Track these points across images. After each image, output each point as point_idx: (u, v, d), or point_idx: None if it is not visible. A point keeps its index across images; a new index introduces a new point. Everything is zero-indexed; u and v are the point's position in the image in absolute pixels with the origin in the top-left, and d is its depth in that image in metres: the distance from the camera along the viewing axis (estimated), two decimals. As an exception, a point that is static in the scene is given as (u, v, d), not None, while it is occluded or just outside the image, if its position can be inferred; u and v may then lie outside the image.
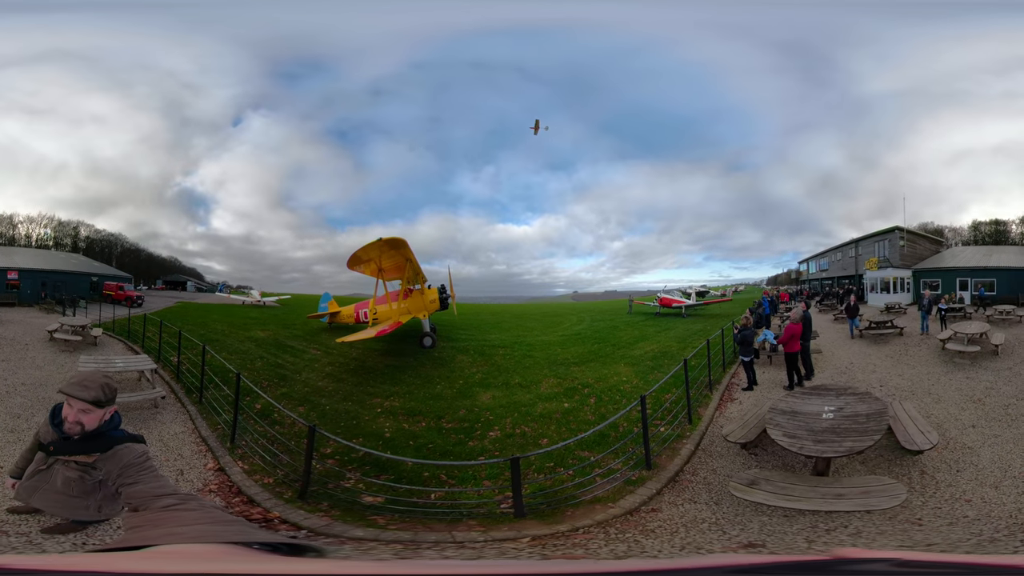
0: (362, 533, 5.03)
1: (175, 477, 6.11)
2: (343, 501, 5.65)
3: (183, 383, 9.91)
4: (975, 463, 6.07)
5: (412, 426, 8.01)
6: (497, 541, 5.00)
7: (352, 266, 14.62)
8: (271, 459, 6.63)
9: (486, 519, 5.38)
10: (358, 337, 13.45)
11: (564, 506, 5.81)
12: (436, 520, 5.20)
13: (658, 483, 6.38)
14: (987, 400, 8.60)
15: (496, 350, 15.64)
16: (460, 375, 11.77)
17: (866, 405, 6.24)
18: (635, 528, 5.44)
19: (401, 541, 4.88)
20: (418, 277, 16.03)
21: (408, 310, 16.15)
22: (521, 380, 11.31)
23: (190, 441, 7.44)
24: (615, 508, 5.79)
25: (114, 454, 2.25)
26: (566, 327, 22.75)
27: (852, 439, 5.52)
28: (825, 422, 5.96)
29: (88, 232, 36.23)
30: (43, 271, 27.39)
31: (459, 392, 10.24)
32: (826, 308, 26.40)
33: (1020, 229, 37.02)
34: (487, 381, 11.25)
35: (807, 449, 5.53)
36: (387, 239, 13.44)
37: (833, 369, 11.95)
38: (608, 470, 6.52)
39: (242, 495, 5.92)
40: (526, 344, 17.03)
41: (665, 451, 7.24)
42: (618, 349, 15.94)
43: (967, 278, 27.31)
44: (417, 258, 15.01)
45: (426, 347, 14.94)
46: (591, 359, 14.19)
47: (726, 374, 11.57)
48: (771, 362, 12.62)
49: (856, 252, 34.92)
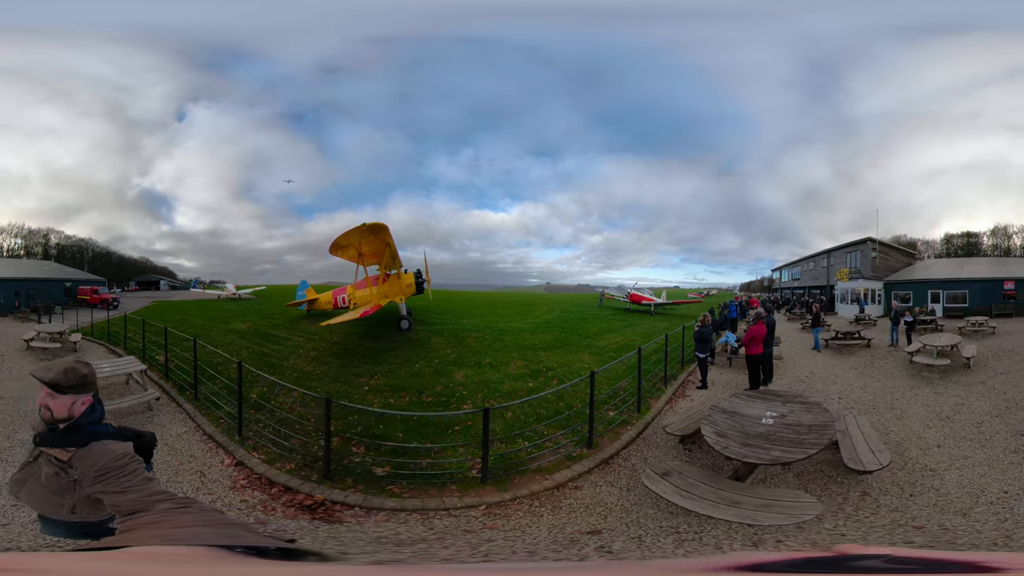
0: (393, 504, 5.61)
1: (197, 480, 6.00)
2: (362, 475, 6.14)
3: (173, 381, 9.83)
4: (936, 487, 5.61)
5: (397, 401, 8.85)
6: (468, 507, 5.66)
7: (334, 251, 15.27)
8: (284, 445, 6.71)
9: (462, 483, 6.09)
10: (341, 319, 14.21)
11: (515, 473, 6.36)
12: (430, 486, 5.98)
13: (592, 462, 6.72)
14: (957, 417, 8.12)
15: (469, 333, 16.54)
16: (436, 355, 12.65)
17: (812, 416, 5.98)
18: (551, 502, 5.80)
19: (418, 509, 5.54)
20: (395, 262, 16.79)
21: (386, 294, 16.99)
22: (492, 361, 12.25)
23: (196, 440, 7.25)
24: (548, 481, 6.20)
25: (89, 451, 2.08)
26: (537, 316, 23.94)
27: (783, 448, 5.23)
28: (762, 427, 5.74)
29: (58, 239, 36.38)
30: (15, 280, 27.25)
31: (436, 371, 11.11)
32: (795, 317, 26.53)
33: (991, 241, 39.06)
34: (461, 361, 12.16)
35: (731, 451, 5.33)
36: (369, 224, 14.08)
37: (793, 377, 11.71)
38: (557, 445, 6.98)
39: (276, 485, 5.98)
40: (497, 329, 18.04)
41: (609, 434, 7.58)
42: (584, 339, 16.57)
43: (939, 290, 27.16)
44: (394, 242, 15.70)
45: (403, 330, 15.81)
46: (557, 346, 14.90)
47: (684, 371, 11.76)
48: (731, 364, 12.68)
49: (828, 262, 35.01)
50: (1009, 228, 38.74)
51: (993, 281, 26.16)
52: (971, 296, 26.13)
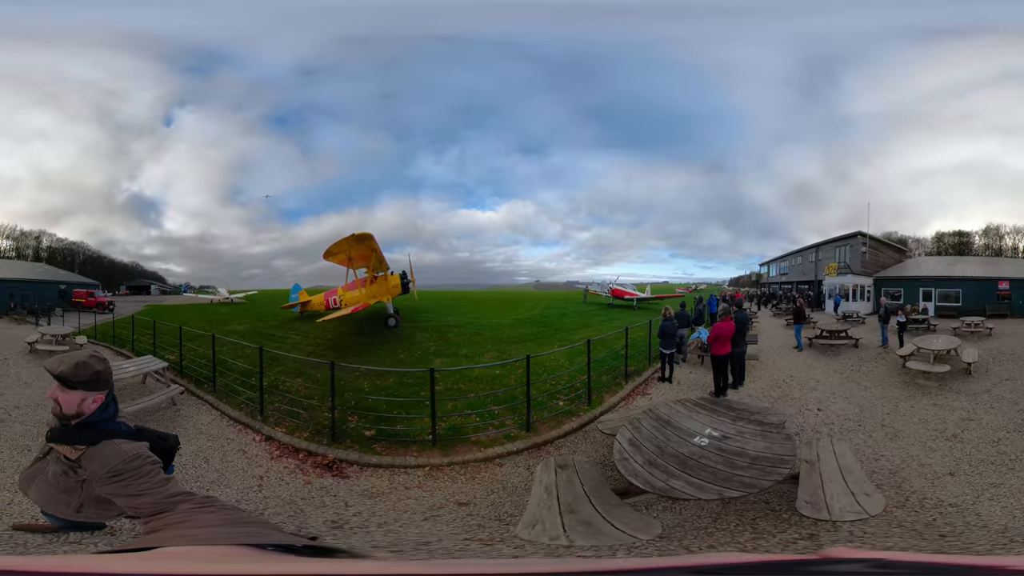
0: (376, 460, 6.89)
1: (243, 458, 6.68)
2: (357, 438, 7.64)
3: (189, 377, 10.60)
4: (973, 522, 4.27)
5: (383, 382, 10.51)
6: (418, 467, 6.66)
7: (327, 257, 16.98)
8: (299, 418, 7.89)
9: (419, 445, 7.37)
10: (335, 316, 16.02)
11: (457, 442, 7.28)
12: (400, 445, 7.52)
13: (524, 444, 7.13)
14: (966, 435, 6.85)
15: (451, 329, 17.97)
16: (419, 347, 14.39)
17: (764, 443, 4.74)
18: (472, 472, 6.36)
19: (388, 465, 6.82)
20: (382, 265, 18.26)
21: (374, 294, 18.40)
22: (467, 352, 13.91)
23: (225, 425, 7.95)
24: (480, 453, 6.76)
25: (99, 451, 2.03)
26: (519, 312, 24.34)
27: (693, 480, 4.10)
28: (689, 447, 4.75)
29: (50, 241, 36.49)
30: (9, 280, 26.68)
31: (417, 359, 12.88)
32: (780, 312, 25.23)
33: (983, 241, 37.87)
34: (440, 352, 13.86)
35: (628, 468, 4.44)
36: (357, 235, 15.92)
37: (768, 381, 10.55)
38: (502, 425, 7.70)
39: (301, 451, 7.15)
40: (478, 325, 19.26)
41: (551, 421, 8.01)
42: (558, 333, 17.54)
43: (931, 288, 26.13)
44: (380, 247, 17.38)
45: (390, 327, 17.35)
46: (531, 340, 15.90)
47: (651, 367, 11.39)
48: (702, 363, 11.99)
49: (816, 257, 33.67)
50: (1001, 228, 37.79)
51: (987, 280, 25.22)
52: (964, 296, 25.22)
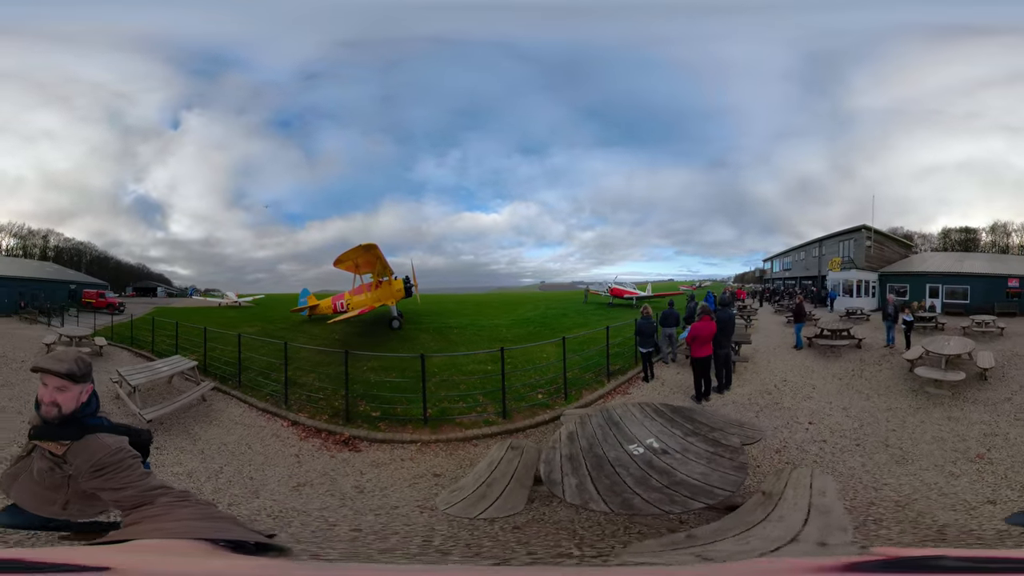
0: (380, 436, 8.23)
1: (277, 442, 7.51)
2: (366, 419, 8.96)
3: (213, 375, 11.28)
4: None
5: (387, 376, 11.69)
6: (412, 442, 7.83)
7: (336, 265, 18.41)
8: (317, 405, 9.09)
9: (414, 423, 8.63)
10: (343, 317, 17.61)
11: (443, 422, 8.36)
12: (399, 425, 8.88)
13: (498, 429, 7.86)
14: (995, 456, 5.79)
15: (451, 330, 19.14)
16: (420, 346, 15.54)
17: (709, 467, 3.87)
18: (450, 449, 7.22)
19: (389, 440, 8.22)
20: (386, 271, 19.61)
21: (379, 298, 19.74)
22: (465, 350, 15.02)
23: (255, 415, 8.76)
24: (460, 434, 7.76)
25: (85, 445, 2.02)
26: (519, 313, 24.86)
27: (582, 484, 3.74)
28: (617, 454, 4.22)
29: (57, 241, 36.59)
30: (19, 279, 25.50)
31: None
32: (782, 309, 24.36)
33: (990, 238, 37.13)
34: (440, 350, 15.06)
35: (546, 457, 4.23)
36: (364, 245, 17.51)
37: (758, 385, 9.83)
38: (484, 412, 8.71)
39: (323, 431, 8.39)
40: (478, 326, 20.23)
41: (526, 411, 8.71)
42: (555, 332, 16.91)
43: (938, 284, 25.06)
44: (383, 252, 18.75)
45: (394, 328, 18.62)
46: (527, 339, 16.70)
47: (636, 367, 11.27)
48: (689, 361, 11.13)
49: (820, 252, 32.48)
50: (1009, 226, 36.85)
51: (996, 278, 24.15)
52: (972, 293, 24.26)
